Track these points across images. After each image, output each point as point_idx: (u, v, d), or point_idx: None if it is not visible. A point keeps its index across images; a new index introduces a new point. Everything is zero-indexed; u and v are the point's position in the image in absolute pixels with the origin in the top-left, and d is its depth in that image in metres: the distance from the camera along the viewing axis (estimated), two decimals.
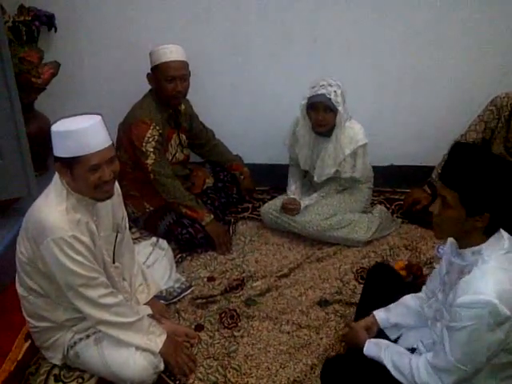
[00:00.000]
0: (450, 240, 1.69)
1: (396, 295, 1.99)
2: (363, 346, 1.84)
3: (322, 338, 2.30)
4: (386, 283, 2.11)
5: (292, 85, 2.79)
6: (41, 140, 2.95)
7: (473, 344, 1.46)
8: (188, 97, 2.94)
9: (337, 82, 2.66)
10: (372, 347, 1.82)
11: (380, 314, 1.97)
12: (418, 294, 1.93)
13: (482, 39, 3.14)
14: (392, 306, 1.96)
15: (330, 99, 2.62)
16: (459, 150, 1.53)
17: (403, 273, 2.55)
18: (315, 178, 2.96)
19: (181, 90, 2.76)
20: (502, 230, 1.55)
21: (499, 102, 2.70)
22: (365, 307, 2.08)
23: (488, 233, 1.53)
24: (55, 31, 3.16)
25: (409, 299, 1.94)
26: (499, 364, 1.55)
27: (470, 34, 3.13)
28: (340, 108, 2.65)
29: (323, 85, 2.64)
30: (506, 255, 1.50)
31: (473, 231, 1.52)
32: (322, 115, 2.68)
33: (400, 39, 3.17)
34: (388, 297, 2.01)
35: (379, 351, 1.77)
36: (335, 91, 2.63)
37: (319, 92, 2.63)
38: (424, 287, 1.93)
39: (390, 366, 1.71)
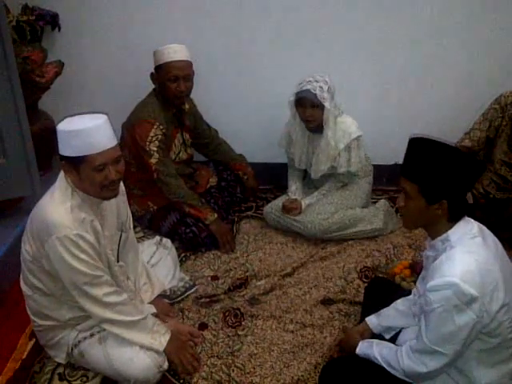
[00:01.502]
0: (428, 239, 1.74)
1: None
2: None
3: (325, 337, 2.30)
4: (384, 295, 2.13)
5: (294, 84, 2.78)
6: (45, 139, 2.96)
7: (445, 325, 1.51)
8: (190, 96, 2.93)
9: (324, 77, 2.67)
10: (364, 346, 1.87)
11: (372, 320, 2.02)
12: (407, 297, 1.98)
13: (485, 38, 3.13)
14: (383, 310, 2.01)
15: (315, 95, 2.63)
16: (414, 144, 1.62)
17: (407, 272, 2.55)
18: (312, 175, 2.98)
19: (184, 89, 2.76)
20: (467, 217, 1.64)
21: (503, 101, 2.70)
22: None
23: (453, 220, 1.60)
24: (59, 30, 3.16)
25: (399, 302, 1.98)
26: (486, 349, 1.59)
27: (473, 32, 3.12)
28: (326, 104, 2.65)
29: (309, 81, 2.65)
30: (473, 239, 1.57)
31: (437, 219, 1.61)
32: (308, 111, 2.69)
33: (403, 38, 3.16)
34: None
35: (370, 349, 1.82)
36: (321, 87, 2.63)
37: (304, 88, 2.65)
38: (413, 290, 1.96)
39: (380, 361, 1.76)
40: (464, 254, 1.53)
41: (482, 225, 1.66)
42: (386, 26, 3.13)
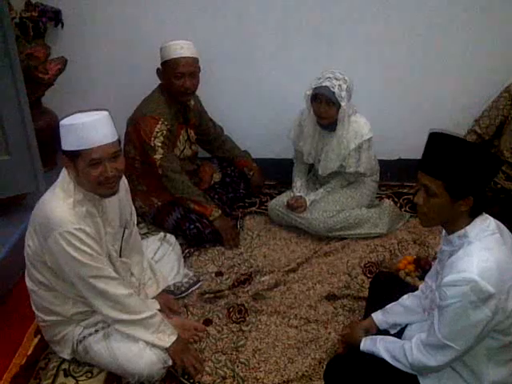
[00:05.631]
0: (444, 233, 1.72)
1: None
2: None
3: (330, 333, 2.30)
4: (389, 290, 2.12)
5: (298, 80, 2.78)
6: (49, 136, 2.96)
7: (459, 321, 1.50)
8: (196, 92, 2.93)
9: (344, 76, 2.64)
10: (368, 342, 1.86)
11: (377, 316, 2.01)
12: (414, 293, 1.96)
13: (489, 31, 3.12)
14: (389, 306, 2.00)
15: (333, 93, 2.60)
16: (436, 140, 1.57)
17: (411, 267, 2.54)
18: (320, 172, 2.96)
19: (189, 86, 2.75)
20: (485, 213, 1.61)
21: None
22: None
23: (473, 215, 1.58)
24: (62, 27, 3.16)
25: (405, 298, 1.97)
26: (498, 347, 1.58)
27: (477, 25, 3.11)
28: (343, 103, 2.63)
29: (329, 77, 2.62)
30: (491, 236, 1.55)
31: (458, 215, 1.58)
32: (323, 108, 2.66)
33: (406, 32, 3.15)
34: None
35: (374, 344, 1.82)
36: (340, 85, 2.61)
37: (323, 84, 2.62)
38: (421, 285, 1.96)
39: (385, 356, 1.75)
40: (482, 250, 1.51)
41: (498, 221, 1.63)
42: (389, 21, 3.12)
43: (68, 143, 1.78)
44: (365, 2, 3.08)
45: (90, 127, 1.75)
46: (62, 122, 1.78)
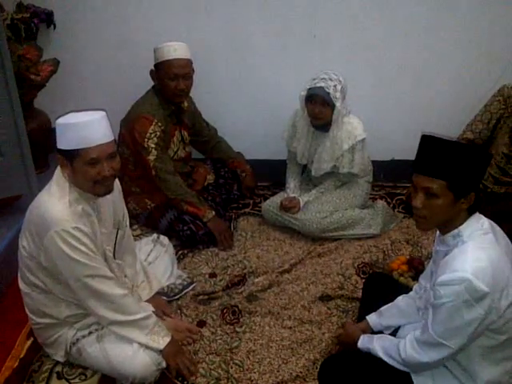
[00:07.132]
0: (438, 234, 1.73)
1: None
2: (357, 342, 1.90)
3: (324, 333, 2.30)
4: (383, 290, 2.13)
5: (292, 80, 2.78)
6: (41, 137, 2.95)
7: (453, 320, 1.51)
8: (190, 93, 2.93)
9: (339, 77, 2.65)
10: (366, 339, 1.88)
11: (372, 318, 2.02)
12: (408, 295, 1.97)
13: (482, 33, 3.13)
14: (384, 308, 2.01)
15: (328, 94, 2.61)
16: (431, 141, 1.57)
17: (404, 267, 2.55)
18: (313, 173, 2.97)
19: (183, 88, 2.75)
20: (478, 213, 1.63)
21: (506, 92, 2.69)
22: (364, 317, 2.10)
23: (472, 211, 1.60)
24: (54, 28, 3.16)
25: (400, 300, 1.98)
26: (492, 346, 1.59)
27: (470, 27, 3.13)
28: (338, 104, 2.64)
29: (324, 78, 2.63)
30: (485, 236, 1.57)
31: (457, 214, 1.59)
32: (318, 108, 2.67)
33: (400, 33, 3.16)
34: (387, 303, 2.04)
35: (371, 342, 1.83)
36: (335, 86, 2.61)
37: (318, 85, 2.62)
38: (415, 286, 1.97)
39: (380, 353, 1.77)
40: (477, 249, 1.52)
41: (491, 221, 1.65)
42: (384, 22, 3.13)
43: (65, 142, 1.77)
44: (360, 4, 3.08)
45: (88, 127, 1.75)
46: (58, 121, 1.78)
